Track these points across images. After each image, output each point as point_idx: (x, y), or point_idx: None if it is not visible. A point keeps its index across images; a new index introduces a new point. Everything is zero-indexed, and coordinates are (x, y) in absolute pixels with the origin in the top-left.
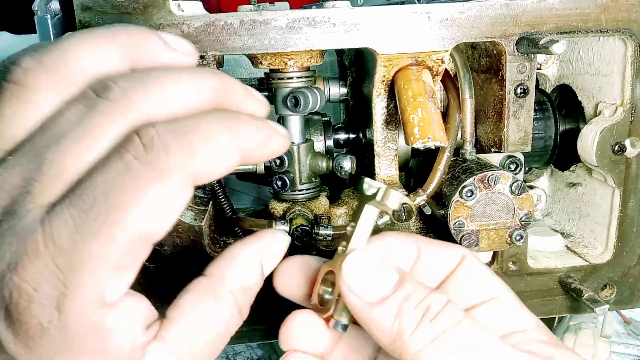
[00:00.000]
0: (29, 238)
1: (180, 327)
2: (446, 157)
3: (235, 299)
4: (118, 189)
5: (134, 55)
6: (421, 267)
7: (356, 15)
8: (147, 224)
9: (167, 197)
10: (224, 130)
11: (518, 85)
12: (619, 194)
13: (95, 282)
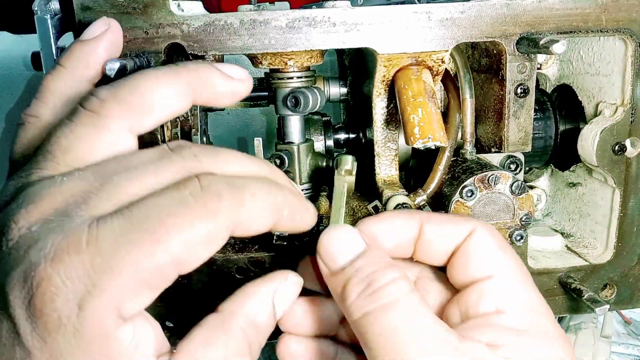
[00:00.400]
0: (74, 235)
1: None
2: (446, 157)
3: (245, 335)
4: (170, 213)
5: (196, 88)
6: (426, 243)
7: (356, 15)
8: (185, 252)
9: (209, 234)
10: (267, 194)
11: (518, 85)
12: (619, 194)
13: (120, 289)
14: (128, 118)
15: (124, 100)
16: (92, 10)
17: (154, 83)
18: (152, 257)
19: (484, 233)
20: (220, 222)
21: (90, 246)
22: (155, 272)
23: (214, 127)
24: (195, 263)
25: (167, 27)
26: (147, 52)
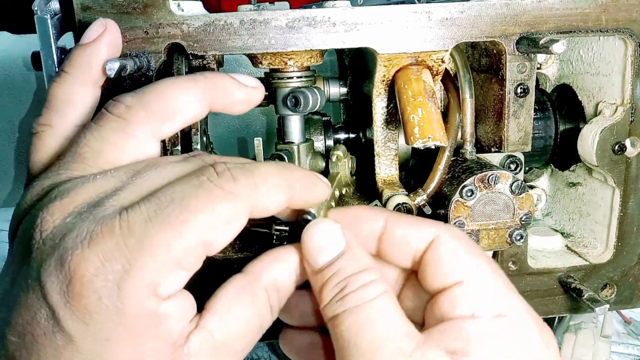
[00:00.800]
0: (106, 221)
1: (219, 317)
2: (446, 156)
3: (268, 297)
4: (192, 196)
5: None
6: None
7: (356, 14)
8: (210, 233)
9: (230, 214)
10: (279, 174)
11: (518, 85)
12: (619, 193)
13: (156, 268)
14: (152, 124)
15: (149, 107)
16: (92, 10)
17: (176, 91)
18: (181, 237)
19: (449, 238)
20: (239, 203)
21: (122, 229)
22: (186, 251)
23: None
24: (220, 243)
25: (167, 27)
26: (147, 52)
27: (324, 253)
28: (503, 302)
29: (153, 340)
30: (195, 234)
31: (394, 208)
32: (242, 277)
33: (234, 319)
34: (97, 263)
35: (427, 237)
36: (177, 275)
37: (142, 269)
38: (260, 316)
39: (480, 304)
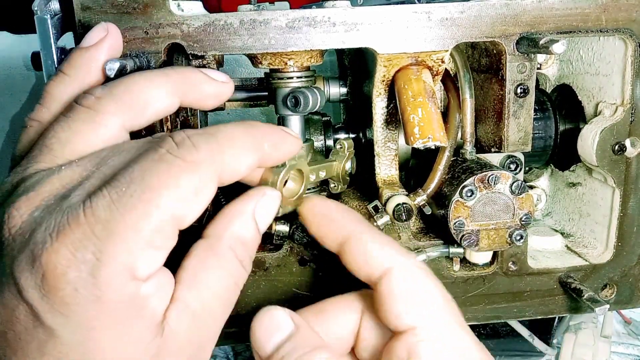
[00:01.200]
0: (72, 211)
1: (188, 286)
2: (446, 157)
3: (235, 254)
4: (153, 172)
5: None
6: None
7: (356, 15)
8: (178, 207)
9: (195, 185)
10: (244, 134)
11: (518, 85)
12: (619, 193)
13: (128, 252)
14: (122, 114)
15: (119, 98)
16: (92, 10)
17: (147, 83)
18: (148, 217)
19: (402, 275)
20: (203, 171)
21: (88, 217)
22: (155, 230)
23: None
24: (191, 216)
25: (167, 27)
26: (147, 52)
27: (271, 339)
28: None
29: (137, 322)
30: (162, 211)
31: (394, 208)
32: (203, 242)
33: (204, 285)
34: (67, 255)
35: (381, 266)
36: (152, 256)
37: (114, 254)
38: (232, 275)
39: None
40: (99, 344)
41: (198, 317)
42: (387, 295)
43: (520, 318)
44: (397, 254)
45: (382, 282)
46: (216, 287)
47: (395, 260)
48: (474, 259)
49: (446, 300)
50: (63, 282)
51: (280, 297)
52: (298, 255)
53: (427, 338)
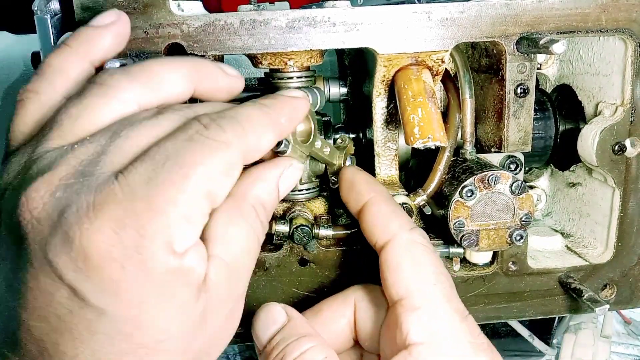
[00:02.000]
0: (105, 188)
1: (221, 242)
2: (446, 157)
3: (257, 213)
4: (187, 150)
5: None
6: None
7: (356, 15)
8: (211, 184)
9: (227, 163)
10: (262, 115)
11: (518, 85)
12: (619, 194)
13: (168, 226)
14: (136, 90)
15: (134, 76)
16: (92, 10)
17: (162, 66)
18: (185, 192)
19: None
20: (232, 151)
21: (125, 194)
22: (192, 205)
23: None
24: (222, 194)
25: (167, 27)
26: (147, 52)
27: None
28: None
29: (182, 290)
30: (198, 187)
31: None
32: (229, 200)
33: (235, 239)
34: (110, 233)
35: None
36: (189, 230)
37: (156, 229)
38: (255, 231)
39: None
40: (150, 316)
41: (232, 270)
42: (384, 264)
43: (520, 318)
44: (400, 226)
45: (383, 252)
46: (244, 242)
47: (397, 231)
48: (474, 259)
49: (437, 275)
50: (109, 260)
51: (280, 297)
52: (298, 255)
53: (413, 308)
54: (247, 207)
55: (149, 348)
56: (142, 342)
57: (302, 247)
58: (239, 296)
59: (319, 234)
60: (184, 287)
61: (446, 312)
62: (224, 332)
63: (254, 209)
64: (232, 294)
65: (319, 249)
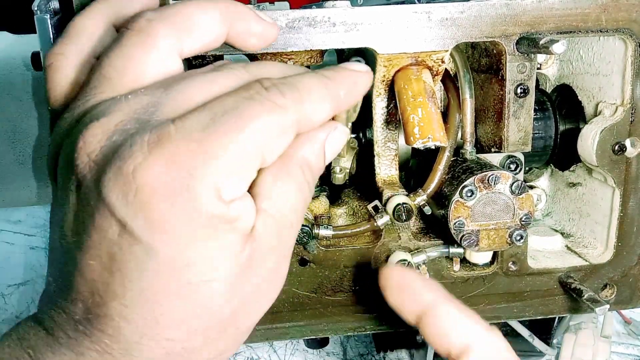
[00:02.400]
0: (161, 129)
1: (268, 198)
2: (446, 157)
3: (303, 173)
4: (246, 106)
5: (232, 20)
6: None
7: (356, 15)
8: (264, 141)
9: (282, 126)
10: (322, 86)
11: (518, 85)
12: (619, 194)
13: (219, 171)
14: (174, 37)
15: (170, 20)
16: None
17: (196, 8)
18: (239, 143)
19: (483, 352)
20: (289, 116)
21: (181, 134)
22: (244, 158)
23: None
24: (272, 154)
25: None
26: None
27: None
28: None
29: (230, 235)
30: (252, 141)
31: (394, 208)
32: (277, 160)
33: (282, 196)
34: (162, 170)
35: (461, 341)
36: (237, 181)
37: (208, 172)
38: (301, 190)
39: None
40: (196, 254)
41: (280, 225)
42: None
43: (520, 318)
44: (478, 329)
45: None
46: (291, 199)
47: (476, 335)
48: (474, 259)
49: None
50: (159, 196)
51: (281, 297)
52: (298, 255)
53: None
54: (294, 167)
55: (195, 288)
56: (189, 280)
57: (302, 247)
58: (286, 252)
59: (319, 234)
60: (231, 232)
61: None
62: (270, 286)
63: (300, 169)
64: (278, 248)
65: (319, 249)
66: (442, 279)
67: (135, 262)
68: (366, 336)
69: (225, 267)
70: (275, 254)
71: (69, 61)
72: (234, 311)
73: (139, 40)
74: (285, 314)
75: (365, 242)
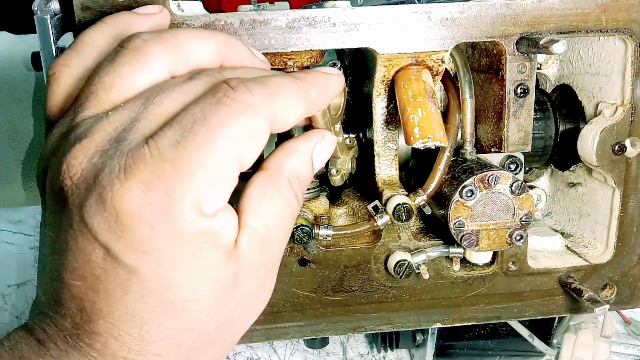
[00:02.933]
0: (136, 152)
1: (255, 213)
2: (446, 157)
3: (292, 186)
4: (214, 113)
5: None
6: None
7: (356, 15)
8: (238, 147)
9: (253, 127)
10: (292, 84)
11: (518, 85)
12: (619, 194)
13: (197, 188)
14: (168, 59)
15: (166, 43)
16: (92, 10)
17: (193, 35)
18: (213, 154)
19: None
20: (259, 114)
21: (155, 156)
22: (220, 169)
23: None
24: (249, 158)
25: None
26: None
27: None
28: None
29: (211, 253)
30: (225, 149)
31: (394, 208)
32: (264, 173)
33: (269, 211)
34: (139, 194)
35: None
36: (217, 193)
37: (185, 191)
38: (290, 205)
39: None
40: (179, 275)
41: (265, 241)
42: None
43: (520, 318)
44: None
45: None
46: (278, 215)
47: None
48: (474, 259)
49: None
50: (139, 220)
51: (281, 297)
52: (298, 255)
53: None
54: (281, 180)
55: (180, 307)
56: (172, 300)
57: (302, 247)
58: (271, 267)
59: (319, 234)
60: (213, 249)
61: None
62: (255, 300)
63: (288, 182)
64: (263, 264)
65: (319, 249)
66: (442, 279)
67: (120, 283)
68: (366, 336)
69: (209, 286)
70: (261, 270)
71: (71, 73)
72: (219, 326)
73: (133, 59)
74: (285, 314)
75: (365, 242)
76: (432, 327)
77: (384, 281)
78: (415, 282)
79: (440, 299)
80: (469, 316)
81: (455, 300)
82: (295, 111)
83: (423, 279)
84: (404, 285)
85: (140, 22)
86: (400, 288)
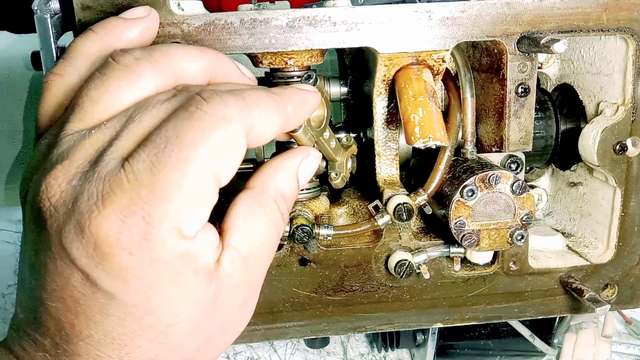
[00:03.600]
0: (113, 177)
1: (239, 233)
2: (447, 156)
3: (277, 205)
4: (187, 130)
5: (215, 70)
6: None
7: (357, 14)
8: (214, 163)
9: (228, 140)
10: (268, 97)
11: (519, 84)
12: (620, 193)
13: (175, 212)
14: (158, 79)
15: (157, 61)
16: (92, 10)
17: (185, 53)
18: (189, 175)
19: None
20: (233, 127)
21: (131, 182)
22: (197, 188)
23: None
24: (228, 172)
25: (167, 26)
26: None
27: None
28: None
29: (192, 276)
30: (201, 167)
31: (394, 208)
32: (249, 192)
33: (253, 231)
34: (117, 221)
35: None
36: (196, 213)
37: (163, 215)
38: (275, 223)
39: None
40: (158, 300)
41: (248, 260)
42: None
43: (521, 318)
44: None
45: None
46: (262, 234)
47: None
48: (474, 259)
49: None
50: (117, 248)
51: (281, 297)
52: (298, 255)
53: None
54: (267, 199)
55: (159, 330)
56: (152, 325)
57: (302, 247)
58: (254, 287)
59: (319, 233)
60: (193, 273)
61: None
62: (237, 320)
63: (274, 201)
64: (246, 284)
65: (319, 249)
66: (442, 278)
67: (99, 307)
68: (367, 336)
69: (188, 309)
70: (243, 290)
71: (63, 83)
72: (200, 347)
73: (123, 75)
74: (285, 313)
75: (365, 242)
76: (433, 326)
77: (385, 281)
78: (415, 281)
79: (441, 299)
80: (470, 316)
81: (456, 300)
82: (272, 124)
83: (424, 278)
84: (404, 285)
85: (130, 29)
86: (400, 288)
